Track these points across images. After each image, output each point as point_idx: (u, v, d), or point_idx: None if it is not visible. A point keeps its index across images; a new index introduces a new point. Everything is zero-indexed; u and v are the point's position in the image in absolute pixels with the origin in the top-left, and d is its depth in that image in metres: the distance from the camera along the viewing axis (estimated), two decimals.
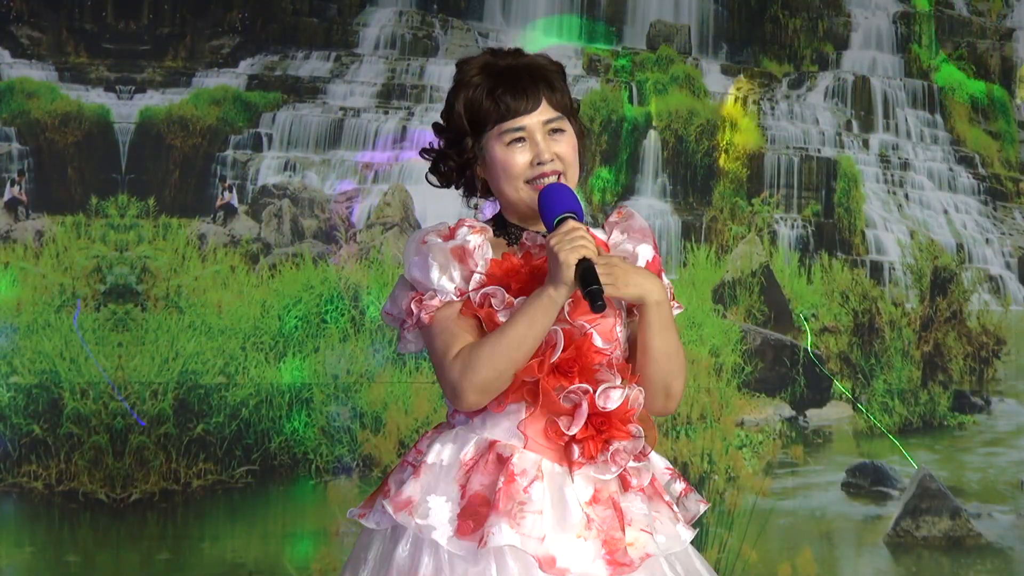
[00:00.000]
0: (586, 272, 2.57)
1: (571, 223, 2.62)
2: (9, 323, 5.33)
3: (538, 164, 2.72)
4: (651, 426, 2.72)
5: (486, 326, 2.65)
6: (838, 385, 5.96)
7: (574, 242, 2.58)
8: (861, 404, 6.00)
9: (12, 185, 5.50)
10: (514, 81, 2.73)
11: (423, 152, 2.85)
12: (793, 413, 5.93)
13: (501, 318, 2.64)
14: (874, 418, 6.00)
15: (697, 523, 2.85)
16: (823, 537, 5.83)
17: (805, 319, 5.75)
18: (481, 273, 2.68)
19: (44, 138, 5.53)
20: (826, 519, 5.85)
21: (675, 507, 2.80)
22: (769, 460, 5.84)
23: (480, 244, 2.69)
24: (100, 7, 5.60)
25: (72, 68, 5.59)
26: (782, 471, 5.86)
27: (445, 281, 2.68)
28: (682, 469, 5.67)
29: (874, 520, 5.87)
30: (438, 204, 5.67)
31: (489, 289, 2.66)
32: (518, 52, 2.80)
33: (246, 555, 5.39)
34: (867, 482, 5.91)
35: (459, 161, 2.77)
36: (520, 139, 2.73)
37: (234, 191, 5.67)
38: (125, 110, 5.58)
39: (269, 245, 5.62)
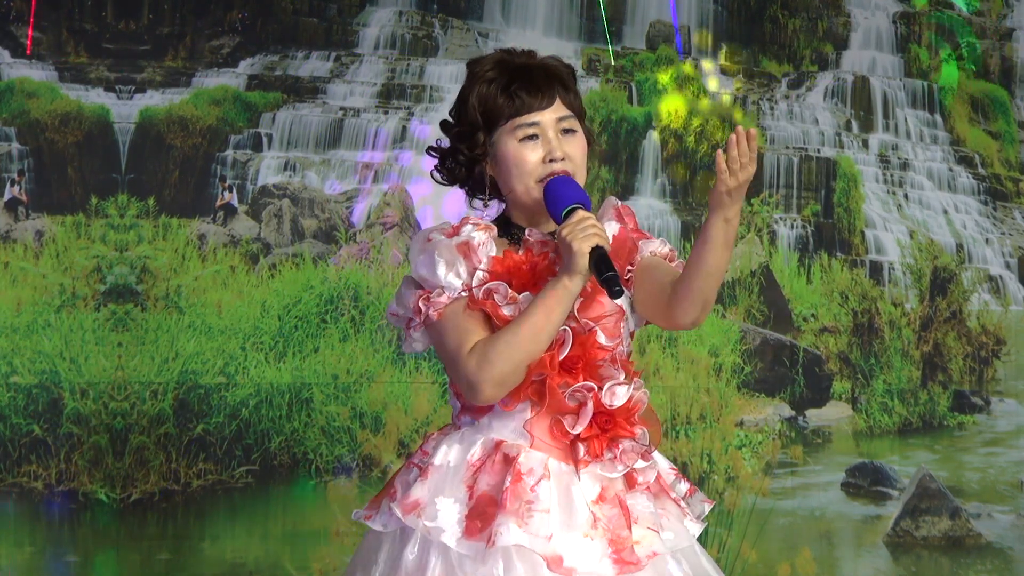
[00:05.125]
0: (600, 260, 2.57)
1: (581, 212, 2.63)
2: (9, 323, 5.33)
3: (550, 161, 2.72)
4: (655, 424, 2.73)
5: (493, 320, 2.65)
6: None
7: (586, 231, 2.59)
8: (860, 404, 6.00)
9: (12, 185, 5.50)
10: (529, 78, 2.75)
11: (429, 149, 2.85)
12: (792, 413, 5.93)
13: (505, 312, 2.64)
14: (873, 418, 6.00)
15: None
16: (822, 537, 5.83)
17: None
18: (484, 270, 2.68)
19: (44, 138, 5.53)
20: (825, 519, 5.85)
21: (682, 503, 2.81)
22: (768, 460, 5.84)
23: (484, 241, 2.70)
24: (100, 7, 5.60)
25: (72, 68, 5.59)
26: (781, 471, 5.86)
27: (452, 277, 2.68)
28: (682, 469, 5.65)
29: (873, 520, 5.87)
30: (438, 204, 5.68)
31: (491, 285, 2.66)
32: (531, 53, 2.81)
33: (246, 555, 5.39)
34: (866, 482, 5.92)
35: (469, 156, 2.77)
36: (533, 136, 2.73)
37: (234, 191, 5.67)
38: (125, 110, 5.58)
39: (269, 245, 5.63)
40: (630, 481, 2.72)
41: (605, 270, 2.56)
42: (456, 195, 2.91)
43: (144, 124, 5.59)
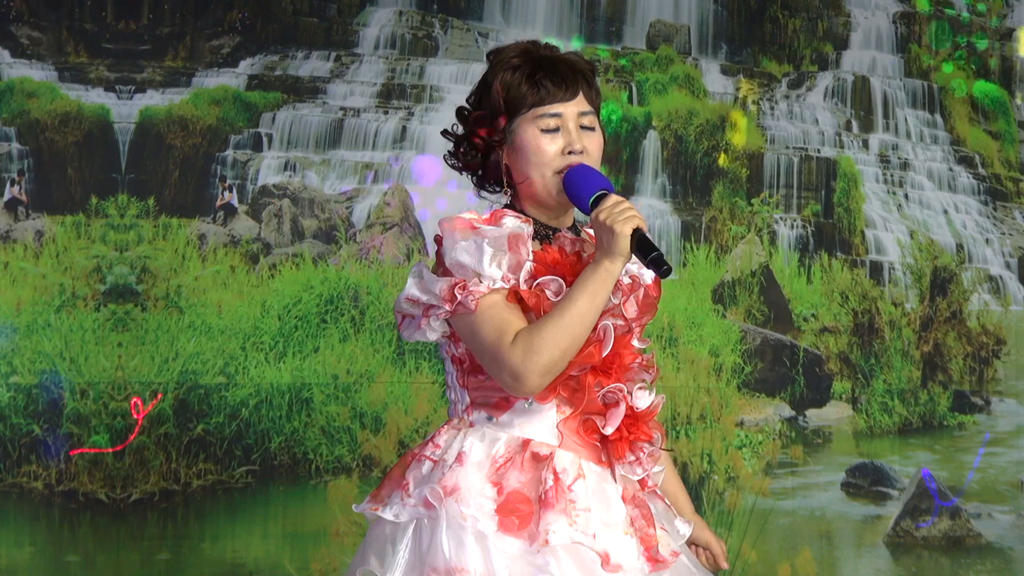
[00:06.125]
0: (642, 241, 2.56)
1: (614, 197, 2.61)
2: (9, 323, 5.33)
3: (568, 153, 2.71)
4: (660, 429, 2.75)
5: (535, 315, 2.62)
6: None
7: (624, 213, 2.58)
8: (860, 404, 6.00)
9: (12, 185, 5.50)
10: (554, 69, 2.75)
11: (444, 132, 2.83)
12: (793, 413, 5.93)
13: None
14: (873, 418, 6.00)
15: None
16: (823, 537, 5.83)
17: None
18: (532, 263, 2.66)
19: (44, 138, 5.53)
20: (826, 519, 5.85)
21: (666, 501, 2.83)
22: (769, 460, 5.84)
23: (531, 233, 2.68)
24: (100, 7, 5.60)
25: (72, 68, 5.59)
26: (782, 471, 5.86)
27: (494, 268, 2.64)
28: (682, 470, 5.67)
29: (874, 520, 5.87)
30: (438, 204, 5.68)
31: (545, 279, 2.64)
32: (555, 48, 2.82)
33: (246, 555, 5.39)
34: (867, 482, 5.92)
35: (487, 141, 2.76)
36: (554, 128, 2.72)
37: (234, 191, 5.67)
38: (125, 110, 5.58)
39: (269, 245, 5.63)
40: (641, 483, 2.73)
41: (649, 250, 2.55)
42: (456, 197, 2.91)
43: (144, 124, 5.59)
